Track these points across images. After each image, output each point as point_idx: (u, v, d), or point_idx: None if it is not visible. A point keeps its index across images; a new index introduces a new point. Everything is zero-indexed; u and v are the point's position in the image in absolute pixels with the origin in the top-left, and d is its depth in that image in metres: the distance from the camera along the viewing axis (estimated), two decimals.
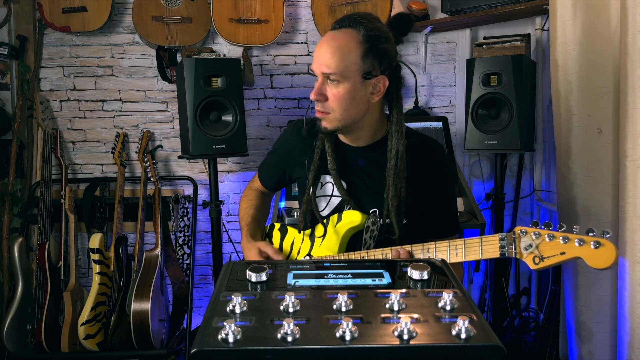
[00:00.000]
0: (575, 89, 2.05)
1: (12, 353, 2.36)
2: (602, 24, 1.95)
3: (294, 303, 0.73)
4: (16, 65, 2.63)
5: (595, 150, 1.99)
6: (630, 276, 1.76)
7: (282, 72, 2.83)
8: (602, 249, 1.04)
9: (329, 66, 1.27)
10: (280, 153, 1.60)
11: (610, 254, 1.04)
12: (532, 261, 1.12)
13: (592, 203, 2.01)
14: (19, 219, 2.63)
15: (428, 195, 1.43)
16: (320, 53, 1.29)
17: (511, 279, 2.87)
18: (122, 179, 2.63)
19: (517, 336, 2.63)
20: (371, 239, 1.37)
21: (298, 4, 2.80)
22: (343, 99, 1.30)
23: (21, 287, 2.42)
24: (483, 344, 0.65)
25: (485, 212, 2.60)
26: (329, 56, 1.27)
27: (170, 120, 2.81)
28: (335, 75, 1.28)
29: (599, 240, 1.05)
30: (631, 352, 1.79)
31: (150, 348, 2.40)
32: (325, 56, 1.28)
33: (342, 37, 1.29)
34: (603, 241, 1.05)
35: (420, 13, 2.68)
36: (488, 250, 1.19)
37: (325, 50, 1.28)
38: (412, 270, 0.84)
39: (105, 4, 2.53)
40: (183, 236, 2.70)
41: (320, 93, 1.31)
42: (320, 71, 1.30)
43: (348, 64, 1.28)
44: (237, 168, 2.88)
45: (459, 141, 2.84)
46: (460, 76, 2.83)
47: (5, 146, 2.62)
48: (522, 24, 2.71)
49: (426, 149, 1.45)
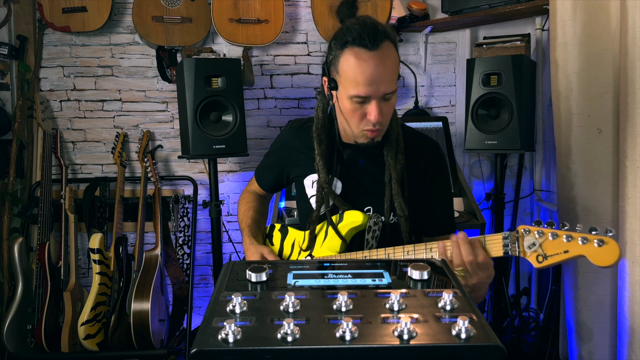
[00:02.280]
0: (575, 89, 2.05)
1: (12, 353, 2.36)
2: (602, 24, 1.95)
3: (294, 303, 0.73)
4: (16, 65, 2.63)
5: (595, 150, 1.99)
6: (630, 276, 1.76)
7: (282, 72, 2.83)
8: (605, 247, 1.04)
9: (392, 84, 1.26)
10: (277, 153, 1.60)
11: (614, 252, 1.04)
12: (535, 259, 1.13)
13: (592, 203, 2.01)
14: (19, 219, 2.63)
15: (424, 194, 1.43)
16: (377, 77, 1.23)
17: (511, 279, 2.87)
18: (122, 179, 2.63)
19: (517, 336, 2.63)
20: (373, 239, 1.37)
21: (298, 4, 2.80)
22: (393, 108, 1.32)
23: (21, 287, 2.42)
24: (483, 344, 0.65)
25: (485, 212, 2.60)
26: (390, 75, 1.25)
27: (170, 120, 2.81)
28: (393, 92, 1.27)
29: (602, 238, 1.05)
30: (631, 352, 1.79)
31: (150, 348, 2.40)
32: (387, 77, 1.24)
33: (389, 53, 1.25)
34: (606, 239, 1.05)
35: (420, 13, 2.68)
36: (491, 249, 1.19)
37: (383, 72, 1.23)
38: (412, 270, 0.84)
39: (105, 4, 2.54)
40: (183, 236, 2.70)
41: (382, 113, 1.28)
42: (383, 92, 1.25)
43: (396, 77, 1.28)
44: (237, 168, 2.88)
45: (459, 141, 2.84)
46: (460, 76, 2.83)
47: (5, 146, 2.62)
48: (522, 24, 2.71)
49: (423, 148, 1.45)
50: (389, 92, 1.26)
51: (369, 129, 1.31)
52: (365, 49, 1.22)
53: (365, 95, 1.25)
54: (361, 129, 1.32)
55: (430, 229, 1.48)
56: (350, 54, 1.24)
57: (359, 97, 1.26)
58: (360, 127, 1.32)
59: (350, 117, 1.31)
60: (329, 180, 1.41)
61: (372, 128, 1.30)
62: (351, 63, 1.24)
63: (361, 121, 1.30)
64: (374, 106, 1.26)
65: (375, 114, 1.26)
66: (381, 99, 1.26)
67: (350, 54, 1.24)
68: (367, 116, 1.28)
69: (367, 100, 1.26)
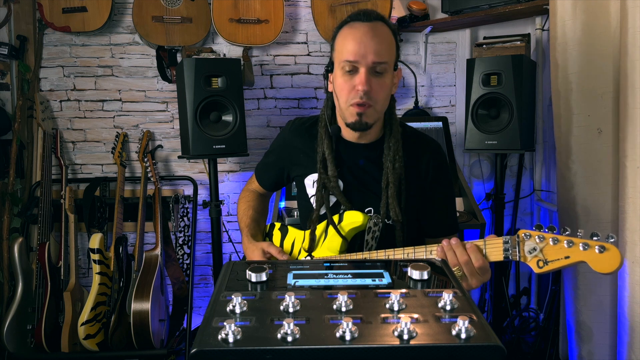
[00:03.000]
0: (575, 89, 2.05)
1: (12, 353, 2.36)
2: (602, 24, 1.95)
3: (294, 303, 0.73)
4: (16, 65, 2.63)
5: (595, 150, 1.99)
6: (630, 276, 1.76)
7: (282, 72, 2.83)
8: (606, 254, 1.03)
9: (381, 55, 1.27)
10: (277, 152, 1.60)
11: (615, 259, 1.03)
12: (536, 265, 1.12)
13: (592, 203, 2.01)
14: (19, 219, 2.63)
15: (426, 194, 1.43)
16: (366, 43, 1.27)
17: (511, 279, 2.87)
18: (122, 179, 2.63)
19: (517, 336, 2.63)
20: (373, 240, 1.37)
21: (298, 4, 2.80)
22: (385, 91, 1.33)
23: (21, 287, 2.42)
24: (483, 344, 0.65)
25: (485, 212, 2.60)
26: (379, 45, 1.27)
27: (170, 120, 2.81)
28: (385, 64, 1.29)
29: (603, 244, 1.04)
30: (631, 352, 1.79)
31: (150, 348, 2.40)
32: (375, 45, 1.27)
33: (382, 29, 1.30)
34: (608, 246, 1.04)
35: (420, 13, 2.68)
36: (492, 253, 1.18)
37: (372, 40, 1.27)
38: (412, 270, 0.84)
39: (105, 4, 2.54)
40: (183, 236, 2.70)
41: (369, 84, 1.28)
42: (371, 60, 1.27)
43: (390, 56, 1.31)
44: (237, 168, 2.88)
45: (459, 141, 2.84)
46: (460, 76, 2.83)
47: (5, 146, 2.62)
48: (522, 24, 2.71)
49: (424, 148, 1.45)
50: (379, 61, 1.28)
51: (356, 102, 1.30)
52: (359, 21, 1.30)
53: (354, 60, 1.28)
54: (349, 104, 1.32)
55: (433, 229, 1.48)
56: (346, 27, 1.32)
57: (348, 61, 1.28)
58: (348, 102, 1.32)
59: (340, 91, 1.33)
60: (337, 174, 1.40)
61: (359, 100, 1.29)
62: (344, 33, 1.32)
63: (350, 94, 1.31)
64: (362, 74, 1.28)
65: (362, 81, 1.27)
66: (371, 71, 1.28)
67: (346, 27, 1.32)
68: (355, 87, 1.29)
69: (356, 70, 1.29)
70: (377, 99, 1.31)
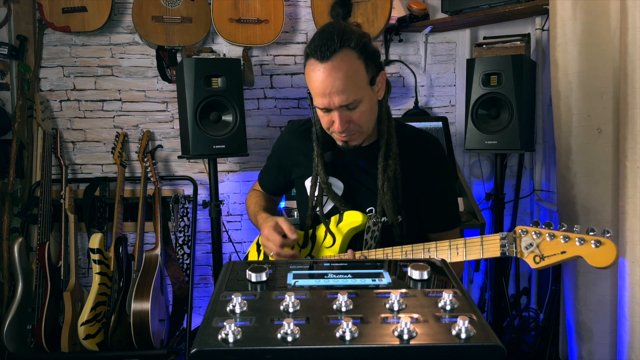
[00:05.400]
0: (575, 89, 2.05)
1: (12, 353, 2.36)
2: (602, 24, 1.95)
3: (294, 303, 0.73)
4: (16, 65, 2.63)
5: (595, 150, 1.99)
6: (630, 276, 1.76)
7: (282, 72, 2.83)
8: (602, 248, 1.04)
9: (347, 95, 1.23)
10: (278, 154, 1.60)
11: (611, 253, 1.04)
12: (532, 260, 1.13)
13: (592, 203, 2.01)
14: (19, 219, 2.63)
15: (425, 190, 1.43)
16: (328, 87, 1.22)
17: (511, 279, 2.87)
18: (122, 179, 2.63)
19: (517, 336, 2.63)
20: (372, 239, 1.37)
21: (298, 4, 2.80)
22: (367, 114, 1.30)
23: (21, 287, 2.42)
24: (483, 344, 0.65)
25: (485, 212, 2.60)
26: (343, 85, 1.22)
27: (170, 120, 2.81)
28: (355, 101, 1.25)
29: (599, 239, 1.05)
30: (631, 352, 1.79)
31: (150, 348, 2.40)
32: (339, 86, 1.22)
33: (342, 63, 1.22)
34: (604, 240, 1.05)
35: (420, 13, 2.68)
36: (489, 249, 1.19)
37: (335, 82, 1.21)
38: (412, 270, 0.84)
39: (105, 4, 2.53)
40: (183, 236, 2.70)
41: (346, 122, 1.28)
42: (338, 104, 1.24)
43: (360, 85, 1.25)
44: (237, 168, 2.88)
45: (459, 141, 2.84)
46: (460, 76, 2.83)
47: (5, 146, 2.62)
48: (522, 24, 2.71)
49: (423, 145, 1.45)
50: (345, 103, 1.24)
51: (337, 137, 1.34)
52: (317, 60, 1.23)
53: (322, 107, 1.27)
54: (332, 133, 1.35)
55: (433, 224, 1.47)
56: (308, 65, 1.27)
57: (319, 108, 1.29)
58: (331, 131, 1.34)
59: (321, 119, 1.34)
60: (327, 181, 1.41)
61: (340, 137, 1.33)
62: (308, 74, 1.28)
63: (331, 127, 1.32)
64: (335, 116, 1.27)
65: (337, 124, 1.28)
66: (344, 107, 1.26)
67: (308, 65, 1.27)
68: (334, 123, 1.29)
69: (330, 110, 1.28)
70: (359, 125, 1.31)
